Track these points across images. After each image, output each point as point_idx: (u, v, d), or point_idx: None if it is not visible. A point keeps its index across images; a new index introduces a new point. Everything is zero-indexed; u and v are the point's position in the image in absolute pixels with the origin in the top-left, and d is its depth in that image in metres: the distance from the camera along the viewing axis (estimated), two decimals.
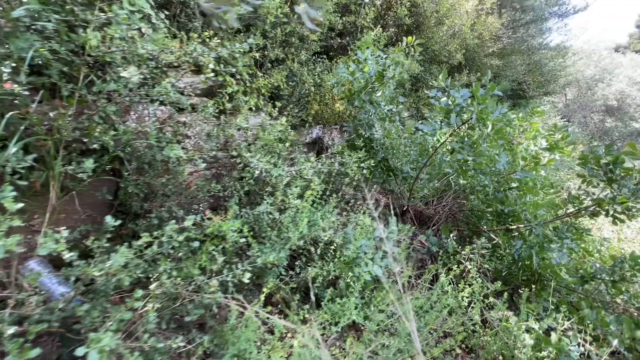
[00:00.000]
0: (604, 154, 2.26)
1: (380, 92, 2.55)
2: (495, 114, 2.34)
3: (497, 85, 2.45)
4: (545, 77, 11.34)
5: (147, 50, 1.70)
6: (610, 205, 2.13)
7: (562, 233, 2.37)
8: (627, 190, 2.04)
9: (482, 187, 2.80)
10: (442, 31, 4.55)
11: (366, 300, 2.23)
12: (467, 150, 2.33)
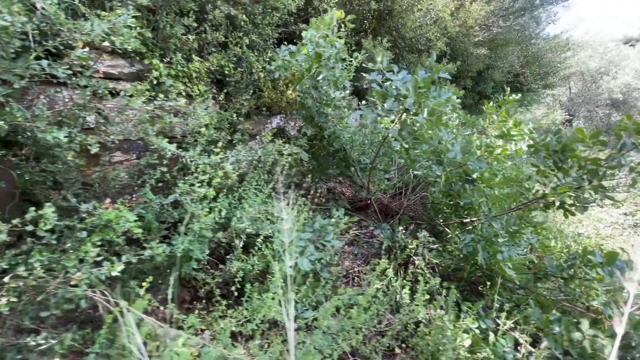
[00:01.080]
0: (554, 141, 2.08)
1: (321, 76, 2.40)
2: (439, 99, 2.17)
3: (443, 67, 2.28)
4: (544, 69, 11.00)
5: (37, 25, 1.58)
6: (556, 196, 1.96)
7: (509, 226, 2.20)
8: (572, 179, 1.87)
9: (435, 179, 2.64)
10: (415, 17, 4.35)
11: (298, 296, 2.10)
12: (407, 137, 2.17)
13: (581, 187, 1.84)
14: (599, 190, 1.87)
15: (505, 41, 8.45)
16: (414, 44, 4.77)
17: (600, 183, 1.84)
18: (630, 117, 1.85)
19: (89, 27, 1.55)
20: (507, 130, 2.46)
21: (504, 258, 2.16)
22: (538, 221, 2.38)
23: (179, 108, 2.46)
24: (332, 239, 2.39)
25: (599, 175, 1.88)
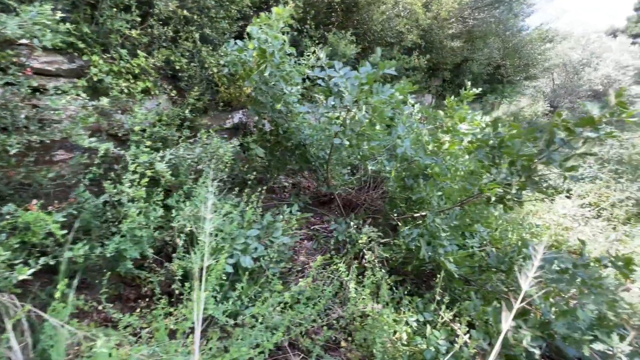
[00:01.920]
0: (492, 137, 2.11)
1: (268, 72, 2.37)
2: (383, 95, 2.18)
3: (388, 63, 2.28)
4: (524, 61, 11.08)
5: None
6: (489, 191, 2.00)
7: (451, 221, 2.24)
8: (504, 175, 1.91)
9: (387, 174, 2.67)
10: (382, 10, 4.32)
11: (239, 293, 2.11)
12: (351, 135, 2.18)
13: (510, 183, 1.88)
14: (529, 185, 1.91)
15: (483, 33, 8.46)
16: (383, 37, 4.75)
17: (530, 178, 1.88)
18: (561, 115, 1.88)
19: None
20: (452, 125, 2.49)
21: (445, 252, 2.20)
22: (481, 215, 2.42)
23: (127, 106, 2.43)
24: (281, 235, 2.41)
25: (530, 171, 1.91)
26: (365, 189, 4.00)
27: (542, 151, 1.85)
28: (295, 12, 3.78)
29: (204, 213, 1.76)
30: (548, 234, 3.76)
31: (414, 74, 6.49)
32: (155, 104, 2.78)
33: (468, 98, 3.62)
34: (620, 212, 4.71)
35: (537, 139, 1.95)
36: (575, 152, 1.81)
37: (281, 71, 2.42)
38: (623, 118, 1.68)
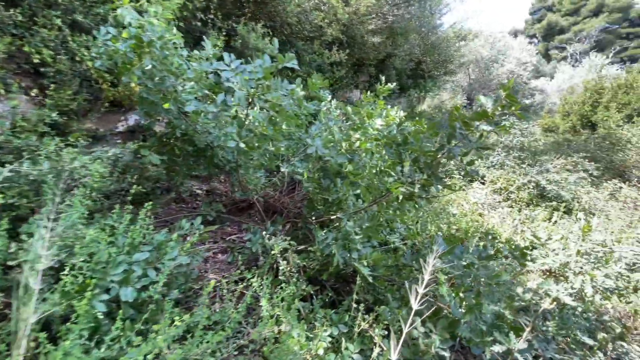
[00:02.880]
0: (398, 134, 2.03)
1: (148, 65, 2.01)
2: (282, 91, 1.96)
3: (287, 57, 2.07)
4: (442, 57, 11.84)
5: None
6: (396, 191, 1.92)
7: (363, 222, 2.14)
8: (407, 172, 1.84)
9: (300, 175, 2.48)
10: (295, 2, 4.13)
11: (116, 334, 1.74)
12: (247, 135, 1.94)
13: (413, 181, 1.81)
14: (434, 181, 1.86)
15: (403, 30, 8.78)
16: (301, 31, 4.56)
17: (434, 174, 1.83)
18: (458, 109, 1.85)
19: None
20: (360, 122, 2.39)
21: (359, 256, 2.08)
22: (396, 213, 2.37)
23: None
24: (179, 255, 2.08)
25: (433, 167, 1.86)
26: (286, 191, 3.79)
27: (442, 146, 1.80)
28: (197, 1, 3.40)
29: (36, 247, 1.37)
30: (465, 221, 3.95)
31: (338, 69, 6.45)
32: (9, 107, 2.23)
33: (383, 93, 3.60)
34: (524, 194, 5.18)
35: (437, 135, 1.90)
36: (472, 146, 1.79)
37: (167, 65, 2.07)
38: (513, 111, 1.69)
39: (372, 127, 2.28)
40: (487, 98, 1.81)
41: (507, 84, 1.62)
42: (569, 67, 22.86)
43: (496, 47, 19.43)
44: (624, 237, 4.28)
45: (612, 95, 10.97)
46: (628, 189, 6.35)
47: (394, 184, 1.80)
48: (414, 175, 1.80)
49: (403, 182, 1.81)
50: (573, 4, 42.03)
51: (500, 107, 1.67)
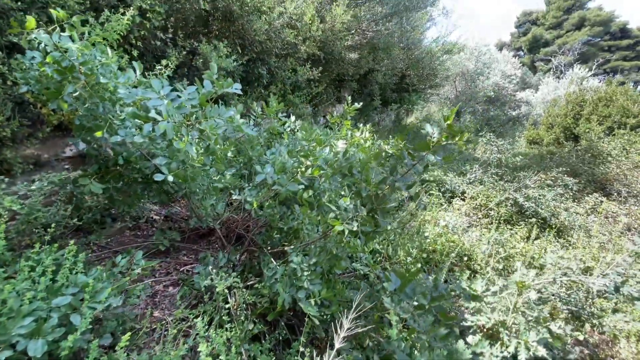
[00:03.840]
0: (343, 162, 1.91)
1: (76, 92, 1.87)
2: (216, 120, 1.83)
3: (225, 82, 1.95)
4: (426, 71, 11.93)
5: None
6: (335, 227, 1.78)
7: (312, 257, 1.99)
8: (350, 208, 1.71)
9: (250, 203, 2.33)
10: (264, 19, 4.05)
11: None
12: (177, 168, 1.79)
13: (355, 216, 1.68)
14: (380, 216, 1.72)
15: (385, 45, 8.81)
16: (271, 48, 4.48)
17: (376, 210, 1.69)
18: (403, 138, 1.74)
19: None
20: (309, 148, 2.26)
21: (307, 294, 1.92)
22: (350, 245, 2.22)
23: None
24: (110, 296, 1.90)
25: (377, 201, 1.73)
26: (250, 217, 3.63)
27: (385, 179, 1.67)
28: (155, 19, 3.29)
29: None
30: (441, 241, 3.82)
31: (316, 85, 6.38)
32: None
33: (350, 113, 3.50)
34: (504, 211, 5.09)
35: (383, 165, 1.78)
36: (417, 178, 1.67)
37: (98, 91, 1.93)
38: (457, 141, 1.58)
39: (323, 154, 2.15)
40: (433, 126, 1.69)
41: (449, 114, 1.51)
42: (553, 79, 23.29)
43: (481, 60, 19.73)
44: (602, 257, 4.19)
45: (593, 107, 11.10)
46: (608, 203, 6.31)
47: (332, 220, 1.66)
48: (355, 210, 1.66)
49: (343, 218, 1.67)
50: (555, 18, 43.29)
51: (444, 137, 1.56)
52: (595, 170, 7.67)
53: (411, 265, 3.26)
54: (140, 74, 1.89)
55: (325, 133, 3.52)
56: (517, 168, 6.30)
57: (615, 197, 7.01)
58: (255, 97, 4.84)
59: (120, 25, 2.58)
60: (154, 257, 2.88)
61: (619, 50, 42.10)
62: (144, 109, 1.76)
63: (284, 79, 5.17)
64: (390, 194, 1.67)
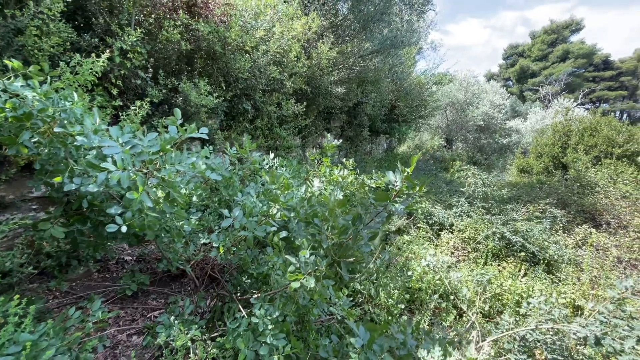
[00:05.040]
0: (307, 210, 1.85)
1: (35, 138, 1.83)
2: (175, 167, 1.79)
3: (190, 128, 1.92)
4: (415, 102, 12.21)
5: None
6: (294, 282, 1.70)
7: (275, 311, 1.88)
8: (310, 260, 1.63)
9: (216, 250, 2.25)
10: (246, 58, 4.14)
11: None
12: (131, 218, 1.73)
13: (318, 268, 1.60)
14: (342, 268, 1.64)
15: (374, 78, 9.06)
16: (255, 84, 4.55)
17: (337, 263, 1.62)
18: (365, 185, 1.70)
19: None
20: (275, 191, 2.20)
21: (270, 350, 1.80)
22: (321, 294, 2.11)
23: None
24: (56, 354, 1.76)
25: (342, 250, 1.66)
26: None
27: (346, 229, 1.61)
28: (137, 59, 3.34)
29: None
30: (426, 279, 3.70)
31: (303, 118, 6.46)
32: None
33: (330, 150, 3.50)
34: (492, 245, 5.00)
35: (347, 212, 1.73)
36: (378, 227, 1.61)
37: (60, 136, 1.90)
38: (417, 192, 1.54)
39: (290, 198, 2.10)
40: (396, 174, 1.66)
41: (410, 160, 1.47)
42: (540, 108, 23.94)
43: (470, 90, 20.31)
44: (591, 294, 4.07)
45: (580, 137, 11.31)
46: (597, 235, 6.25)
47: (291, 274, 1.58)
48: (314, 264, 1.59)
49: (303, 271, 1.59)
50: (541, 50, 45.24)
51: (404, 188, 1.52)
52: (584, 200, 7.67)
53: (393, 307, 3.13)
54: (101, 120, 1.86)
55: (303, 170, 3.50)
56: (504, 200, 6.28)
57: (605, 228, 6.96)
58: (240, 131, 4.86)
59: (96, 67, 2.60)
60: (121, 302, 2.73)
61: (603, 81, 43.75)
62: (101, 157, 1.72)
63: (270, 113, 5.23)
64: (354, 244, 1.60)
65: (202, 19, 3.68)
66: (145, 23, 3.49)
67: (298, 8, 6.13)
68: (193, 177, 1.92)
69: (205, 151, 2.05)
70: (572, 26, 44.58)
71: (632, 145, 10.33)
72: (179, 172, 1.79)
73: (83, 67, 2.39)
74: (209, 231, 2.53)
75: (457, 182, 9.13)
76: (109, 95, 3.34)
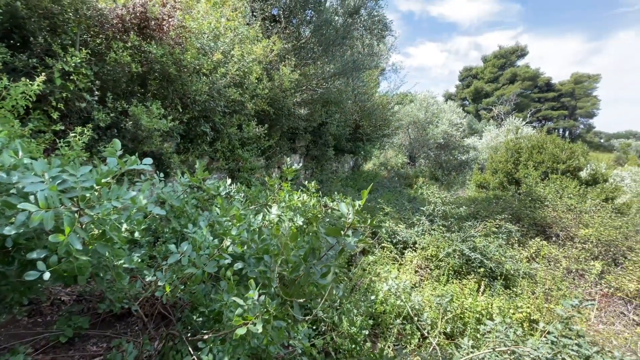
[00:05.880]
0: (258, 244, 1.76)
1: None
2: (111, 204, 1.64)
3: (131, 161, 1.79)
4: (379, 122, 12.59)
5: None
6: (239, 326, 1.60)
7: (227, 353, 1.74)
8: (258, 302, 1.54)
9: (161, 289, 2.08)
10: (204, 80, 4.04)
11: None
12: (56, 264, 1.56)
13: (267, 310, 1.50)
14: (294, 306, 1.56)
15: (337, 100, 9.25)
16: (214, 107, 4.44)
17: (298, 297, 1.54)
18: (316, 219, 1.65)
19: None
20: (226, 223, 2.10)
21: None
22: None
23: None
24: None
25: (294, 288, 1.58)
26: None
27: (298, 266, 1.54)
28: (81, 82, 3.14)
29: None
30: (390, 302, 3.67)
31: (267, 139, 6.39)
32: None
33: (290, 175, 3.44)
34: (453, 262, 5.12)
35: (303, 245, 1.66)
36: (334, 263, 1.55)
37: None
38: (368, 225, 1.51)
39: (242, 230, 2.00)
40: (347, 206, 1.62)
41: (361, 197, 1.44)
42: (494, 127, 25.63)
43: (430, 110, 21.38)
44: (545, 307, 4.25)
45: (529, 154, 12.17)
46: (548, 247, 6.63)
47: (237, 318, 1.47)
48: (263, 306, 1.49)
49: (252, 312, 1.49)
50: (492, 73, 48.95)
51: (355, 222, 1.48)
52: (536, 214, 8.16)
53: (356, 335, 3.06)
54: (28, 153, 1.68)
55: (262, 196, 3.40)
56: (463, 218, 6.52)
57: (555, 240, 7.42)
58: (199, 154, 4.69)
59: (29, 90, 2.39)
60: (54, 351, 2.43)
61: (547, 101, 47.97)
62: (22, 195, 1.54)
63: (231, 135, 5.11)
64: (305, 282, 1.53)
65: (156, 41, 3.56)
66: (93, 44, 3.32)
67: (260, 31, 6.17)
68: (137, 212, 1.78)
69: (147, 184, 1.91)
70: (518, 52, 48.85)
71: (574, 161, 11.26)
72: (116, 208, 1.65)
73: (13, 91, 2.19)
74: (157, 266, 2.35)
75: (420, 198, 9.39)
76: (49, 119, 3.10)
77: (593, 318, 4.95)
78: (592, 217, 7.78)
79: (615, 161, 34.67)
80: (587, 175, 11.26)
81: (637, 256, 6.22)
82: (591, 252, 6.66)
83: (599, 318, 5.08)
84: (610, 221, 7.43)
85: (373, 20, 8.43)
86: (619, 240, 6.82)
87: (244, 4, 5.71)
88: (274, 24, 7.09)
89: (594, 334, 4.44)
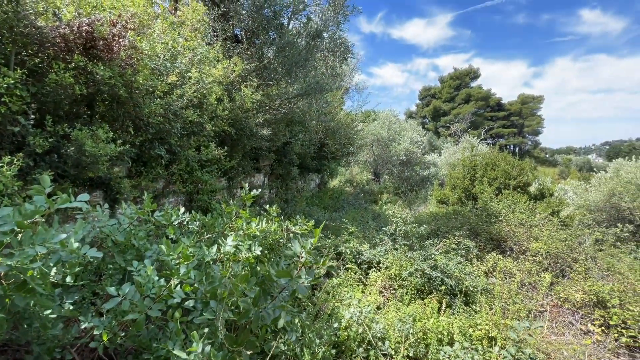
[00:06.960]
0: (205, 287, 1.65)
1: None
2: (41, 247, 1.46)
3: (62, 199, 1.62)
4: (343, 140, 12.80)
5: None
6: None
7: None
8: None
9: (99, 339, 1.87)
10: (158, 102, 3.88)
11: None
12: None
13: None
14: (243, 355, 1.46)
15: (301, 119, 9.30)
16: (169, 129, 4.26)
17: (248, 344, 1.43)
18: (266, 259, 1.57)
19: None
20: (174, 261, 1.97)
21: None
22: None
23: None
24: None
25: (244, 333, 1.48)
26: None
27: (247, 311, 1.45)
28: (14, 104, 2.87)
29: None
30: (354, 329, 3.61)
31: (228, 160, 6.23)
32: None
33: (248, 200, 3.34)
34: (415, 281, 5.19)
35: (252, 290, 1.57)
36: (286, 306, 1.48)
37: None
38: (320, 266, 1.46)
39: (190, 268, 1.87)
40: (296, 243, 1.57)
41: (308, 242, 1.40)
42: (451, 144, 27.05)
43: (393, 128, 22.19)
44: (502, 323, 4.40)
45: (484, 171, 12.91)
46: (503, 261, 6.95)
47: None
48: (210, 357, 1.38)
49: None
50: (449, 93, 52.07)
51: (308, 262, 1.43)
52: (492, 229, 8.58)
53: None
54: None
55: (219, 224, 3.26)
56: (423, 237, 6.69)
57: (509, 254, 7.81)
58: (152, 178, 4.44)
59: None
60: None
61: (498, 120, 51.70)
62: None
63: (189, 157, 4.91)
64: (255, 327, 1.44)
65: (104, 62, 3.37)
66: (31, 63, 3.07)
67: (221, 51, 6.09)
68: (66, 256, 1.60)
69: (80, 225, 1.74)
70: (471, 74, 52.52)
71: (524, 177, 12.10)
72: (39, 255, 1.47)
73: None
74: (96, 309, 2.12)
75: (384, 216, 9.56)
76: None
77: (546, 330, 5.20)
78: (541, 230, 8.32)
79: (559, 175, 37.87)
80: (535, 190, 12.12)
81: (580, 267, 6.69)
82: (541, 264, 7.06)
83: (551, 329, 5.34)
84: (557, 234, 7.97)
85: (335, 43, 8.68)
86: (565, 252, 7.31)
87: (204, 24, 5.63)
88: (236, 45, 7.06)
89: (546, 346, 4.64)
